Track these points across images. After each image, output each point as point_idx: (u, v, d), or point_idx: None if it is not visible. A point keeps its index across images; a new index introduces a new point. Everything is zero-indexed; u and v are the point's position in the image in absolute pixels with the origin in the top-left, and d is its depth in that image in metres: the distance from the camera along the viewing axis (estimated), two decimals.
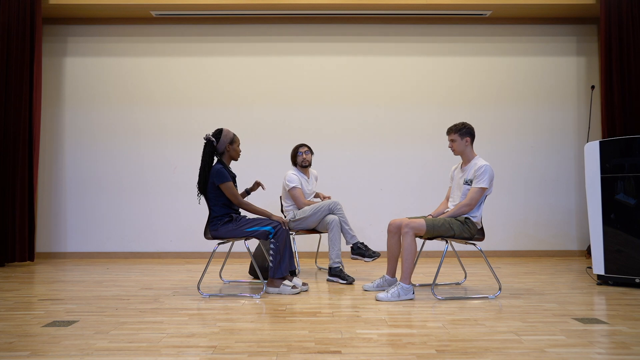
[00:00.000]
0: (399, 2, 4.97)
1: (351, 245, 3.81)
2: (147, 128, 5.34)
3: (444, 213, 3.35)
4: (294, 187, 4.02)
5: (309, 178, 4.21)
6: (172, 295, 3.25)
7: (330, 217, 3.82)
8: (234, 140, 3.34)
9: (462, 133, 3.30)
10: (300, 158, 4.13)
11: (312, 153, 4.21)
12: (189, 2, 4.98)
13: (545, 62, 5.41)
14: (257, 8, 5.06)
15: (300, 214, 3.94)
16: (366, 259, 3.74)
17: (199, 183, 3.28)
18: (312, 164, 4.33)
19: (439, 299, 3.11)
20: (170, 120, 5.35)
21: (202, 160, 3.30)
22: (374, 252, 3.75)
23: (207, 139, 3.30)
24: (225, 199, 3.29)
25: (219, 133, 3.32)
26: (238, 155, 3.39)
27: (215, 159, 3.35)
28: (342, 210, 3.89)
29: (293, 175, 4.07)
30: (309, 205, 3.98)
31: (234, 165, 4.49)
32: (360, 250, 3.76)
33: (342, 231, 3.83)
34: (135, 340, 2.25)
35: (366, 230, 5.19)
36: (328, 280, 3.79)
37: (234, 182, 3.35)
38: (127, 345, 2.18)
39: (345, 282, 3.67)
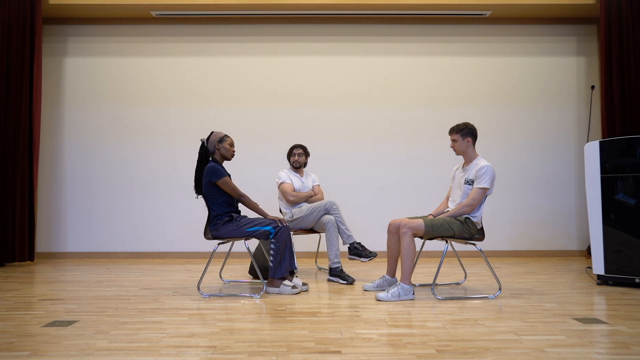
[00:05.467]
0: (399, 2, 4.97)
1: (348, 245, 3.81)
2: (147, 128, 5.34)
3: (444, 213, 3.35)
4: (282, 182, 4.07)
5: (302, 177, 4.22)
6: (172, 295, 3.25)
7: (327, 217, 3.82)
8: (223, 139, 3.36)
9: (464, 133, 3.30)
10: (292, 159, 4.20)
11: (306, 155, 4.25)
12: (189, 2, 4.98)
13: (545, 62, 5.41)
14: (257, 8, 5.06)
15: (297, 213, 3.95)
16: (363, 259, 3.73)
17: (194, 183, 3.34)
18: (307, 164, 4.35)
19: (439, 299, 3.11)
20: (170, 120, 5.35)
21: (197, 162, 3.38)
22: (370, 252, 3.74)
23: (201, 141, 3.38)
24: (224, 197, 3.30)
25: (210, 134, 3.40)
26: (230, 154, 3.40)
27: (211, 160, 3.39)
28: (338, 210, 3.88)
29: (282, 173, 4.15)
30: (296, 198, 4.00)
31: (231, 166, 4.49)
32: (357, 251, 3.76)
33: (338, 231, 3.82)
34: (135, 340, 2.25)
35: (366, 230, 5.19)
36: (329, 280, 3.79)
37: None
38: (127, 345, 2.18)
39: (345, 282, 3.67)
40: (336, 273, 3.73)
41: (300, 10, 5.14)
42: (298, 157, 4.19)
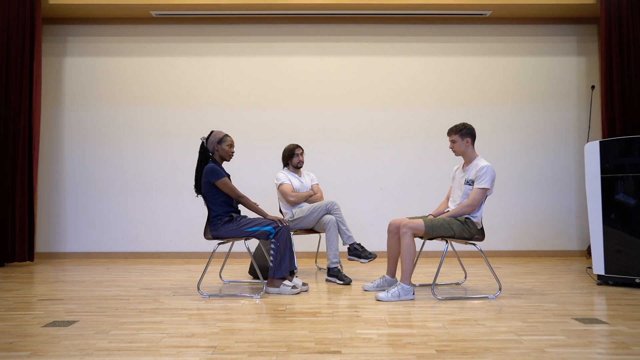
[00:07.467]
0: (399, 2, 4.97)
1: (348, 245, 3.81)
2: (146, 128, 5.34)
3: (444, 213, 3.35)
4: (281, 183, 4.05)
5: (300, 176, 4.21)
6: (172, 295, 3.25)
7: (327, 217, 3.81)
8: (222, 140, 3.34)
9: (463, 134, 3.30)
10: (297, 159, 4.16)
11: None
12: (189, 2, 4.98)
13: (545, 62, 5.41)
14: (257, 8, 5.06)
15: (298, 213, 3.94)
16: (362, 260, 3.73)
17: (195, 182, 3.35)
18: (308, 164, 4.35)
19: (439, 299, 3.11)
20: (170, 120, 5.35)
21: (197, 161, 3.37)
22: (370, 254, 3.74)
23: (201, 140, 3.37)
24: (224, 197, 3.30)
25: (210, 134, 3.38)
26: (228, 156, 3.38)
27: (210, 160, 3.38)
28: (339, 211, 3.88)
29: (280, 174, 4.13)
30: (296, 198, 4.00)
31: (231, 165, 4.48)
32: (356, 252, 3.76)
33: (339, 231, 3.82)
34: (135, 340, 2.24)
35: (366, 230, 5.19)
36: (327, 280, 3.79)
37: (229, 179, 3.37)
38: (127, 345, 2.18)
39: (342, 282, 3.67)
40: (334, 273, 3.74)
41: (300, 10, 5.14)
42: (302, 156, 4.18)
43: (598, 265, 3.55)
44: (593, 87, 4.94)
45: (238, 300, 3.11)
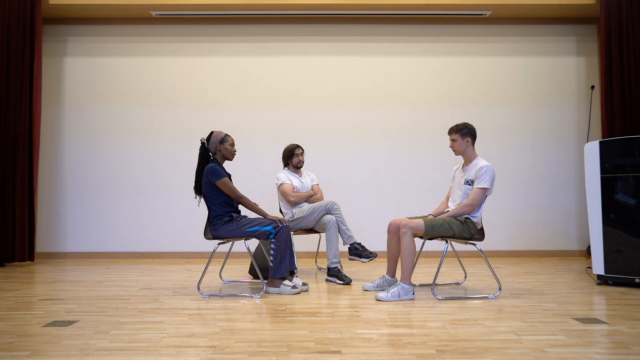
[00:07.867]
0: (399, 2, 4.97)
1: (348, 245, 3.81)
2: (146, 128, 5.34)
3: (444, 213, 3.35)
4: (282, 183, 4.06)
5: (300, 176, 4.21)
6: (172, 295, 3.25)
7: (327, 217, 3.82)
8: (224, 140, 3.36)
9: (463, 133, 3.30)
10: (297, 159, 4.16)
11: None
12: (189, 2, 4.98)
13: (545, 62, 5.41)
14: (257, 8, 5.06)
15: (298, 213, 3.94)
16: (363, 260, 3.74)
17: (195, 184, 3.34)
18: (309, 164, 4.35)
19: (439, 299, 3.11)
20: (170, 120, 5.35)
21: (197, 163, 3.37)
22: (370, 253, 3.74)
23: (201, 141, 3.36)
24: (224, 197, 3.30)
25: (210, 134, 3.38)
26: (231, 155, 3.40)
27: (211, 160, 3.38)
28: (339, 211, 3.88)
29: (280, 174, 4.13)
30: (297, 198, 4.00)
31: (231, 165, 4.48)
32: (357, 251, 3.76)
33: (339, 231, 3.82)
34: (135, 340, 2.25)
35: (366, 230, 5.19)
36: (327, 280, 3.80)
37: (230, 179, 3.37)
38: (127, 345, 2.18)
39: (342, 282, 3.67)
40: (334, 273, 3.74)
41: (300, 10, 5.14)
42: (301, 156, 4.19)
43: (598, 265, 3.55)
44: (593, 87, 4.94)
45: (238, 300, 3.11)
